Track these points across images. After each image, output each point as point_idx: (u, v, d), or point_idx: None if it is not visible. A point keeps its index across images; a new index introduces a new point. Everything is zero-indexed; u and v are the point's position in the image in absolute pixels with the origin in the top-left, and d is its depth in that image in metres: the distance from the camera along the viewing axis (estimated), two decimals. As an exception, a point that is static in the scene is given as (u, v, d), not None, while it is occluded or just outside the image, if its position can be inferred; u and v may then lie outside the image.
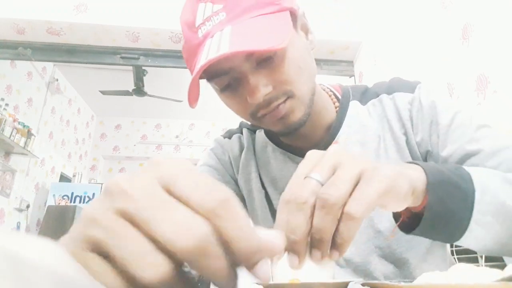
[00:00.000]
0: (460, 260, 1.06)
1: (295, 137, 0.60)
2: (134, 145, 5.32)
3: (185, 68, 2.61)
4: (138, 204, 0.19)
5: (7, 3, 2.08)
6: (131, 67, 3.53)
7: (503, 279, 0.25)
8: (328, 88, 0.66)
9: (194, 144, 5.38)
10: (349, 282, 0.34)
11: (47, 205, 3.77)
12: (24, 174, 3.61)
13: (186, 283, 0.19)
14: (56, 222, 3.51)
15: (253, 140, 0.70)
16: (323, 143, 0.60)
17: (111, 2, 2.17)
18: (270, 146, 0.66)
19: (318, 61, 2.33)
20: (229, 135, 0.73)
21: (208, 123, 5.48)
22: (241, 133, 0.72)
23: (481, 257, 1.05)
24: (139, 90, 3.90)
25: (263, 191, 0.66)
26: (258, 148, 0.68)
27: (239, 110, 0.54)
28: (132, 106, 4.84)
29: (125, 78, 3.94)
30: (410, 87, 0.61)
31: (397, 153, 0.59)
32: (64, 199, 3.96)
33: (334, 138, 0.60)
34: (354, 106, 0.62)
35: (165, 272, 0.18)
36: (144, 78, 3.81)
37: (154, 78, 3.95)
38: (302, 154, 0.61)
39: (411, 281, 0.35)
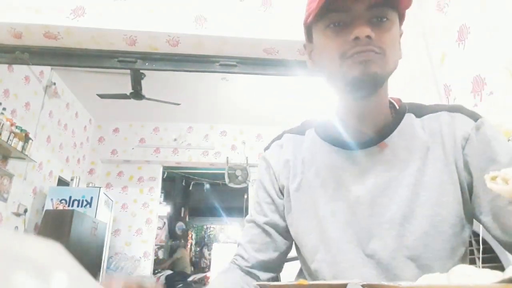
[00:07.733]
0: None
1: (358, 120, 0.64)
2: (132, 149, 5.31)
3: (183, 71, 2.56)
4: None
5: (3, 8, 2.07)
6: (128, 71, 3.53)
7: (503, 281, 0.25)
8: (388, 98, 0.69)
9: (192, 147, 5.37)
10: (347, 283, 0.34)
11: (44, 210, 3.74)
12: (21, 179, 3.59)
13: None
14: (54, 227, 3.48)
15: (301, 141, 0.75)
16: (372, 141, 0.63)
17: (108, 6, 2.17)
18: (319, 142, 0.71)
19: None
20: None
21: (206, 126, 5.48)
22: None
23: (478, 258, 1.05)
24: (137, 94, 3.89)
25: (301, 175, 0.71)
26: (306, 145, 0.73)
27: (335, 48, 0.59)
28: (130, 109, 4.83)
29: (123, 82, 3.93)
30: (473, 116, 0.63)
31: (445, 166, 0.60)
32: (62, 203, 3.94)
33: (383, 139, 0.63)
34: (408, 117, 0.66)
35: None
36: (142, 81, 3.81)
37: (152, 81, 3.95)
38: (347, 147, 0.65)
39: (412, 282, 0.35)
